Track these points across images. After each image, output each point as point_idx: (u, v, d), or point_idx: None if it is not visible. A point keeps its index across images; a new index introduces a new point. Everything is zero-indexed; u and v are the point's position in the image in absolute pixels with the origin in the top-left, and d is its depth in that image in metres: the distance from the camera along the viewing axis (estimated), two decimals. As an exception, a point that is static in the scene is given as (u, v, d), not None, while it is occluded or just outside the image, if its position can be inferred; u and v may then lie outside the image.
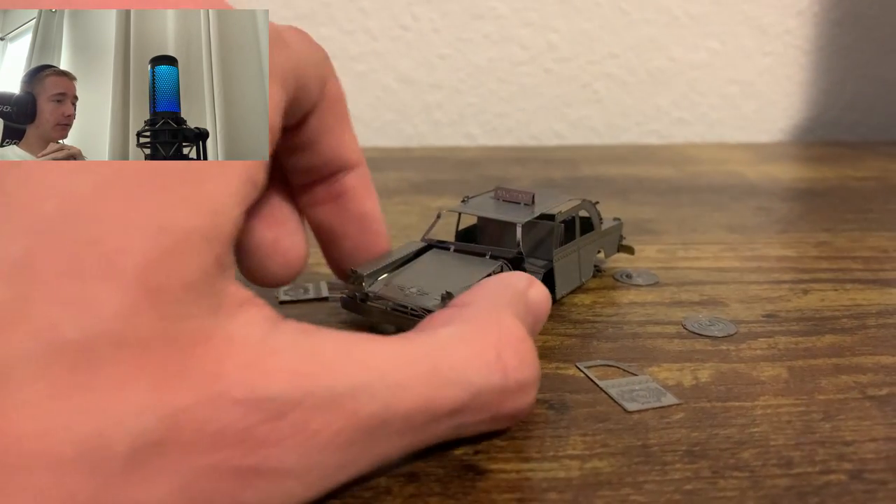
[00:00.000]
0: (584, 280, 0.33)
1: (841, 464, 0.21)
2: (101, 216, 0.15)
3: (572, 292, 0.33)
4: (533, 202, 0.31)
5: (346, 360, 0.17)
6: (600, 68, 0.72)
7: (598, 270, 0.35)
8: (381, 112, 0.70)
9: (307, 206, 0.27)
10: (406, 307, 0.26)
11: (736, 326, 0.30)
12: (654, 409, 0.24)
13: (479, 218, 0.33)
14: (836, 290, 0.34)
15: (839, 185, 0.55)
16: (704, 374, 0.26)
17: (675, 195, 0.51)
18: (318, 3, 0.68)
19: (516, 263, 0.29)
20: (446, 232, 0.34)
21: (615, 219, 0.36)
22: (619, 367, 0.26)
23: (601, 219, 0.34)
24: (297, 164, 0.25)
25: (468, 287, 0.24)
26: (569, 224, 0.33)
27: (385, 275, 0.28)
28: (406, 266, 0.29)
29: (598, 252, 0.34)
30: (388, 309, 0.27)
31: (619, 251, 0.36)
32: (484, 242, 0.33)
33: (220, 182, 0.17)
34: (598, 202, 0.34)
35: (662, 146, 0.71)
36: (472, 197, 0.33)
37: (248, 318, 0.17)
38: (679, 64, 0.73)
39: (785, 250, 0.40)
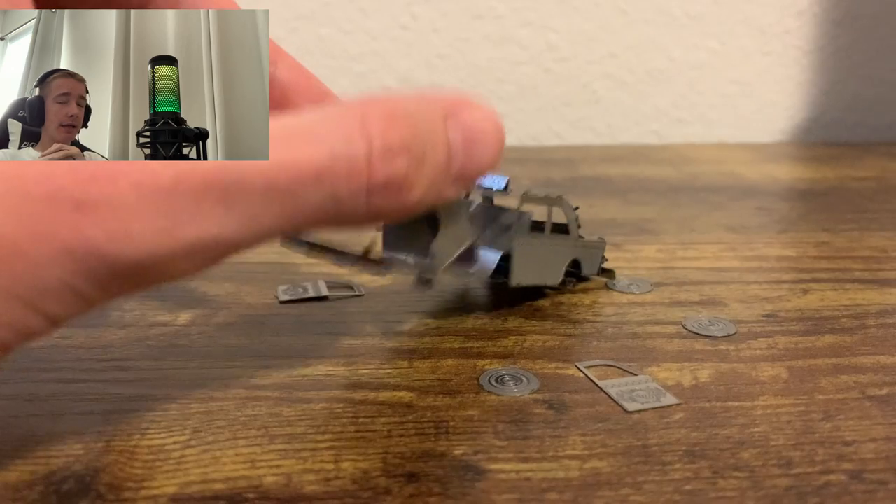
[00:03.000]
0: (548, 282, 0.31)
1: (841, 464, 0.21)
2: None
3: (549, 292, 0.33)
4: (507, 188, 0.29)
5: None
6: (599, 68, 0.72)
7: (582, 279, 0.34)
8: (381, 112, 0.70)
9: None
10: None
11: (735, 326, 0.30)
12: (653, 409, 0.24)
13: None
14: (835, 290, 0.34)
15: (839, 186, 0.55)
16: (704, 374, 0.26)
17: (675, 195, 0.51)
18: (317, 3, 0.68)
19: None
20: None
21: (599, 238, 0.34)
22: (618, 367, 0.26)
23: (579, 225, 0.32)
24: None
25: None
26: (539, 228, 0.32)
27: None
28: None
29: (575, 266, 0.33)
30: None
31: (599, 274, 0.34)
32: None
33: None
34: (577, 207, 0.32)
35: (662, 146, 0.71)
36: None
37: None
38: (678, 64, 0.73)
39: (784, 250, 0.40)
